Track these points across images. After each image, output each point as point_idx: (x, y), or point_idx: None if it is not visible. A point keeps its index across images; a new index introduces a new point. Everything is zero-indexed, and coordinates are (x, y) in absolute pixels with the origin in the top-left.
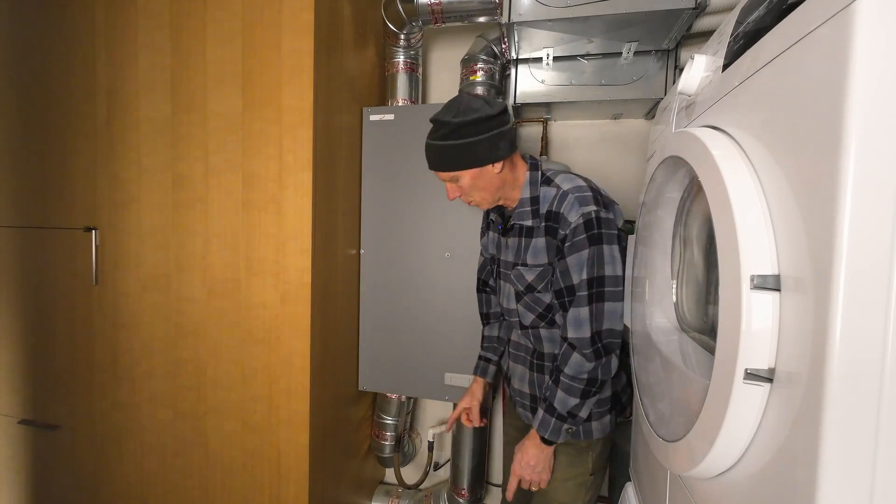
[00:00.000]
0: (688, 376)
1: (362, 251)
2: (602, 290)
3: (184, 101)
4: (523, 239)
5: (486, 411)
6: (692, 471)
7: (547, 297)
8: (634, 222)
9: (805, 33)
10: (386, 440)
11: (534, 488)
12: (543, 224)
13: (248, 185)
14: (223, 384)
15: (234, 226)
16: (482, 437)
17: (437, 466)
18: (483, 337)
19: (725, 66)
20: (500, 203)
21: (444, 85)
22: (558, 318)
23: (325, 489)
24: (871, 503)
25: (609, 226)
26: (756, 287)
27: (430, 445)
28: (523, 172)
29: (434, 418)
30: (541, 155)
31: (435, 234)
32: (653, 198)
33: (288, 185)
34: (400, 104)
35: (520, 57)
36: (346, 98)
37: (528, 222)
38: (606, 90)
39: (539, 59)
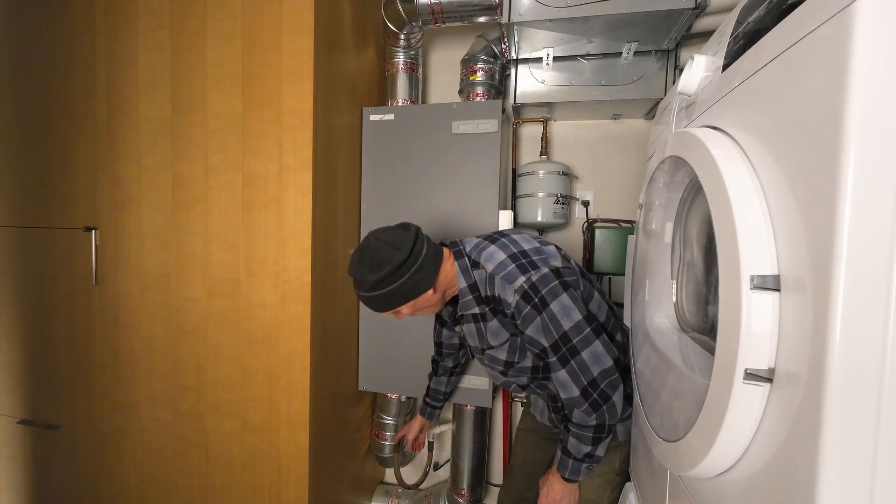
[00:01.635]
0: (688, 376)
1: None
2: (571, 344)
3: (184, 101)
4: (479, 324)
5: (423, 441)
6: (692, 471)
7: (529, 362)
8: (634, 222)
9: (805, 33)
10: (386, 440)
11: None
12: (489, 308)
13: (248, 185)
14: (223, 384)
15: (234, 226)
16: (482, 437)
17: (436, 466)
18: (429, 388)
19: (725, 67)
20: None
21: (444, 85)
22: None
23: (325, 489)
24: (871, 503)
25: (546, 282)
26: (756, 287)
27: (430, 445)
28: (452, 265)
29: None
30: (541, 155)
31: (435, 235)
32: (653, 198)
33: (288, 185)
34: (400, 104)
35: (520, 57)
36: (346, 98)
37: (476, 309)
38: (606, 90)
39: (539, 59)
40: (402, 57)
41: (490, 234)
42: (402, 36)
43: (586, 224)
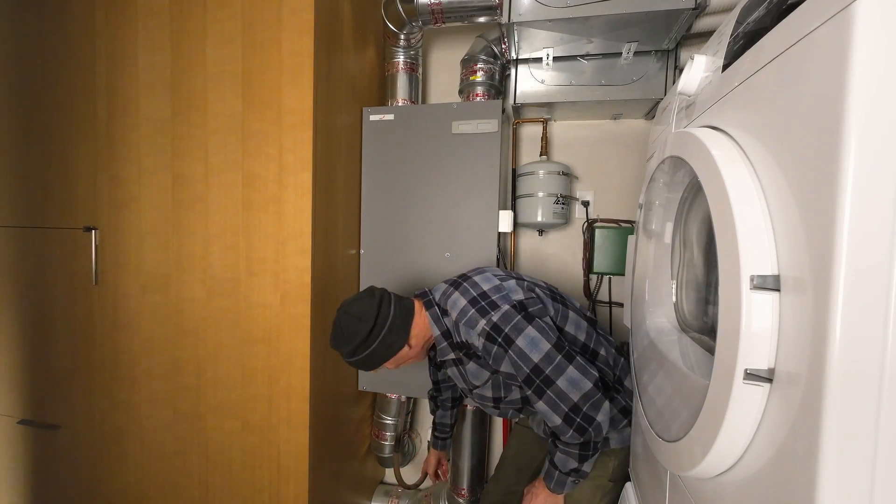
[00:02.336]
0: (688, 376)
1: (361, 251)
2: (543, 375)
3: (184, 101)
4: (459, 367)
5: (446, 468)
6: (692, 471)
7: (517, 394)
8: (634, 222)
9: (805, 34)
10: (386, 440)
11: None
12: (463, 353)
13: (248, 185)
14: (223, 384)
15: (234, 226)
16: (482, 437)
17: None
18: (436, 423)
19: (725, 67)
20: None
21: (444, 85)
22: None
23: (325, 489)
24: (870, 503)
25: (508, 319)
26: (756, 287)
27: (430, 445)
28: (424, 316)
29: None
30: (541, 155)
31: (435, 235)
32: (653, 198)
33: (288, 185)
34: (400, 104)
35: (520, 57)
36: (346, 98)
37: (451, 355)
38: (606, 90)
39: (539, 59)
40: (402, 57)
41: (454, 279)
42: (402, 36)
43: (586, 224)
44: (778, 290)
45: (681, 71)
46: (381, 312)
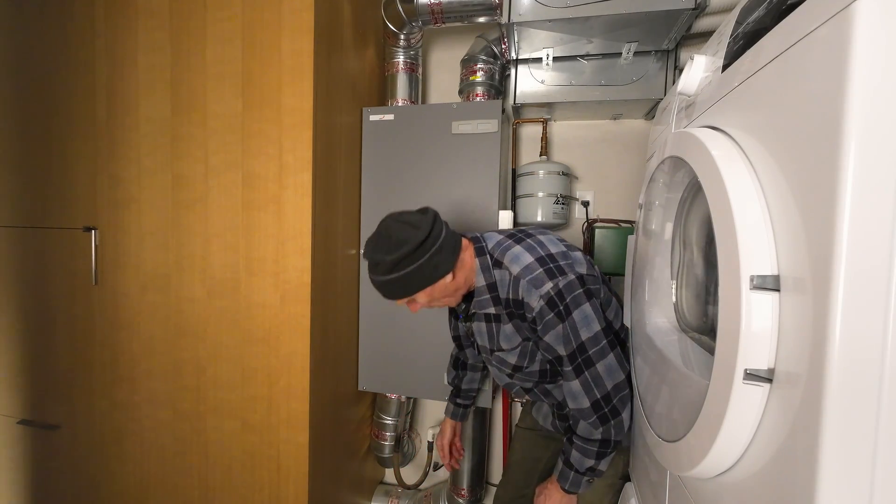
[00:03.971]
0: (687, 376)
1: (361, 251)
2: (586, 355)
3: (184, 101)
4: (492, 324)
5: (460, 446)
6: (692, 471)
7: (537, 366)
8: (634, 222)
9: (805, 34)
10: (385, 440)
11: None
12: (506, 311)
13: (247, 185)
14: (223, 384)
15: (234, 226)
16: (482, 437)
17: (436, 466)
18: (462, 389)
19: (725, 67)
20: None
21: (444, 85)
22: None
23: (325, 489)
24: (870, 503)
25: (571, 289)
26: (755, 287)
27: (430, 445)
28: (472, 257)
29: (434, 418)
30: (541, 155)
31: None
32: (652, 198)
33: (288, 185)
34: (400, 104)
35: (520, 57)
36: (346, 98)
37: (491, 310)
38: (606, 90)
39: (539, 60)
40: (402, 57)
41: (514, 232)
42: (402, 36)
43: (586, 224)
44: (778, 290)
45: (681, 71)
46: (436, 227)
